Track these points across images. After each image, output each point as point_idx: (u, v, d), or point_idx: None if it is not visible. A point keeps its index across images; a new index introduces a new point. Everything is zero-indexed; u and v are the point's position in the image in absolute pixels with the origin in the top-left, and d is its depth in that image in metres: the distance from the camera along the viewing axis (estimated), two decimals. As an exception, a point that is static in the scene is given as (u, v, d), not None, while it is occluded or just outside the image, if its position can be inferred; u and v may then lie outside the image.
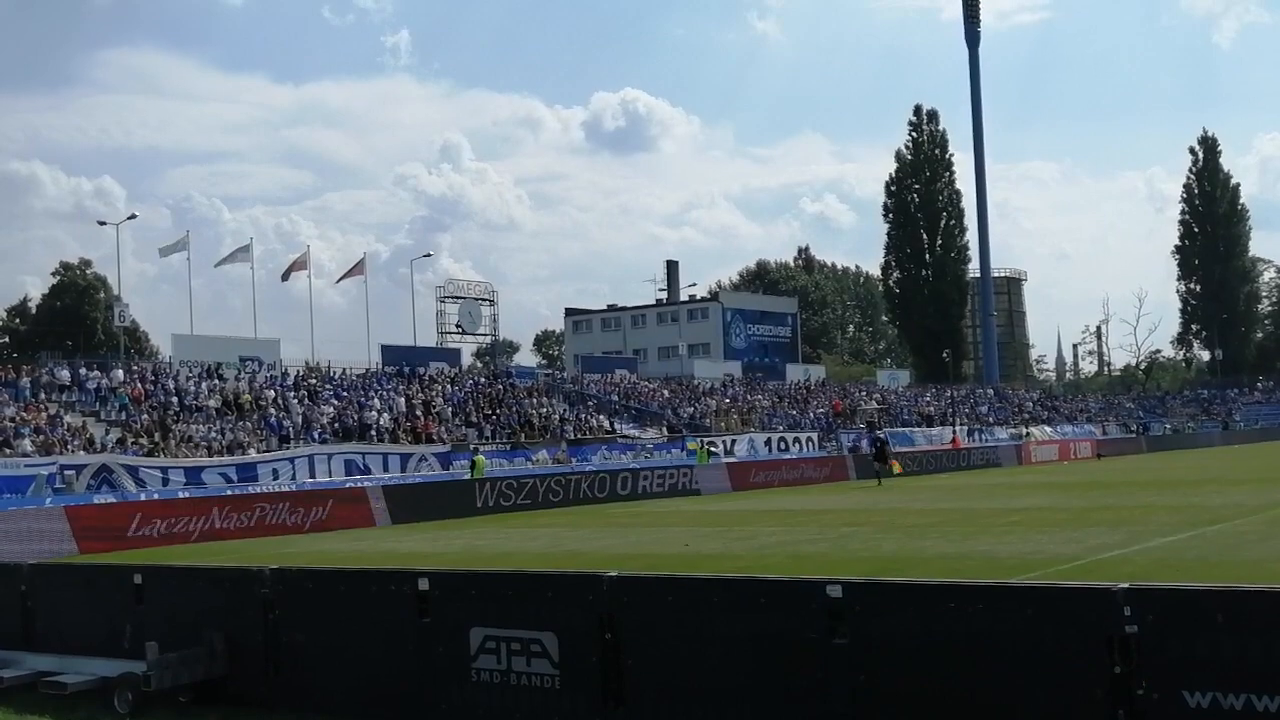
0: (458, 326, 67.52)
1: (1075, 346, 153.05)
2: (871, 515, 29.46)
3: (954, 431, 71.19)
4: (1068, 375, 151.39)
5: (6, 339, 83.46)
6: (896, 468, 48.03)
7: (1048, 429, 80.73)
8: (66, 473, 36.02)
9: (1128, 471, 48.43)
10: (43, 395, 42.05)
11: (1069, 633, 6.95)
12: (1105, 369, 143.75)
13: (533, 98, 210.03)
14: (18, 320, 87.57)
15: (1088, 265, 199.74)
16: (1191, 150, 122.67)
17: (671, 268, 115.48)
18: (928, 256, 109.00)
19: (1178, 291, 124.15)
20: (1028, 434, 75.06)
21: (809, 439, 63.57)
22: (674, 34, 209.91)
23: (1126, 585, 6.89)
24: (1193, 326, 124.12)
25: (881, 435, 54.84)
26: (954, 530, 24.20)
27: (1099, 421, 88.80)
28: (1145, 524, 23.39)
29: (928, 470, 54.38)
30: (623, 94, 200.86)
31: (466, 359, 71.14)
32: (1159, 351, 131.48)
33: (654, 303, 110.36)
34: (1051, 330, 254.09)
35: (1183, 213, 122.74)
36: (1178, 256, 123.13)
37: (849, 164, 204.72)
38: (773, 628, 7.87)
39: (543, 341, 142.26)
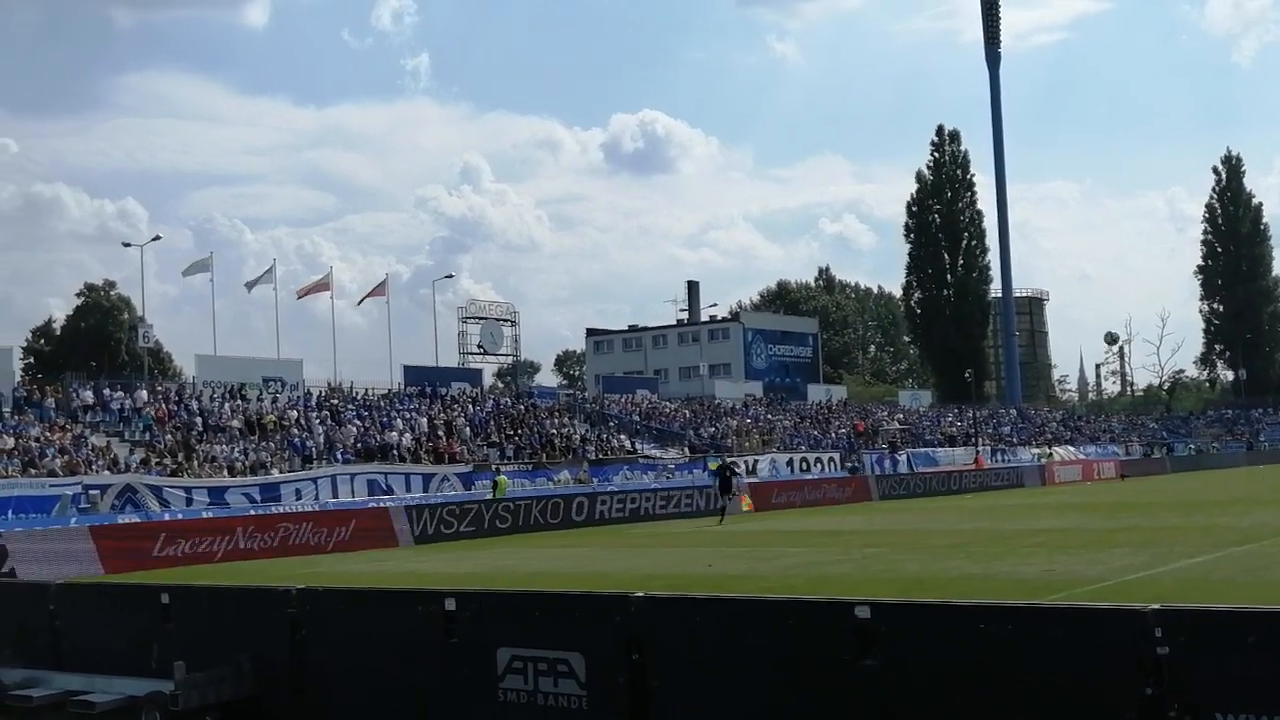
0: (479, 347, 67.64)
1: (1098, 367, 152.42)
2: (894, 536, 29.37)
3: (977, 452, 70.93)
4: (1090, 395, 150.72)
5: (32, 360, 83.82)
6: (746, 503, 40.37)
7: (1071, 449, 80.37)
8: (91, 493, 36.17)
9: (1152, 492, 48.16)
10: (68, 416, 42.27)
11: (1099, 654, 6.91)
12: (1128, 389, 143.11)
13: (552, 119, 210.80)
14: (43, 341, 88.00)
15: (1109, 285, 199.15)
16: (1215, 170, 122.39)
17: (692, 288, 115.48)
18: (949, 276, 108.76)
19: (1201, 311, 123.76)
20: (1051, 454, 74.75)
21: (831, 459, 63.41)
22: (693, 56, 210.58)
23: (1157, 606, 6.85)
24: (1216, 346, 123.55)
25: (729, 463, 44.84)
26: (978, 551, 24.10)
27: (1122, 442, 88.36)
28: (1171, 545, 23.26)
29: (951, 491, 54.19)
30: (641, 115, 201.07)
31: (488, 379, 71.30)
32: (1182, 371, 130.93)
33: (675, 323, 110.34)
34: (1074, 350, 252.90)
35: (1205, 232, 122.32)
36: (1200, 276, 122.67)
37: (868, 184, 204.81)
38: (801, 649, 7.84)
39: (564, 362, 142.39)
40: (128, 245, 58.34)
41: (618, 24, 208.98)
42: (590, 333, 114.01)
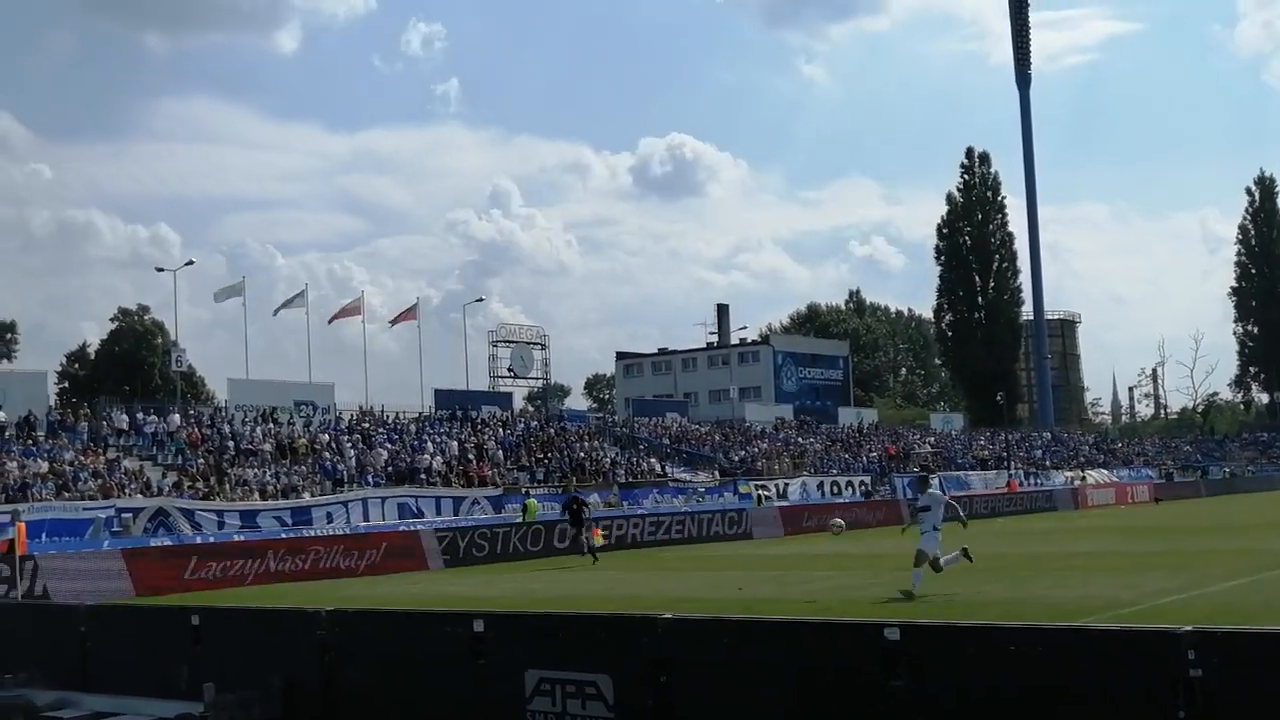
0: (510, 370, 67.82)
1: (1131, 389, 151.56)
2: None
3: (1009, 475, 70.51)
4: (1124, 418, 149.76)
5: (66, 384, 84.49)
6: (598, 537, 35.21)
7: (1104, 472, 79.83)
8: (124, 516, 36.37)
9: (1187, 515, 47.75)
10: (101, 440, 42.55)
11: (1133, 676, 6.84)
12: (1162, 412, 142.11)
13: (581, 143, 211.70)
14: (77, 366, 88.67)
15: (1142, 307, 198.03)
16: (1248, 190, 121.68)
17: (722, 311, 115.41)
18: (980, 299, 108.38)
19: (1235, 333, 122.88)
20: (1084, 477, 74.26)
21: (862, 483, 63.16)
22: (721, 79, 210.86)
23: (1190, 628, 6.78)
24: (1251, 368, 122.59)
25: (576, 495, 38.49)
26: (1010, 574, 23.93)
27: (1156, 465, 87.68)
28: (1206, 569, 23.03)
29: (983, 514, 53.84)
30: (670, 139, 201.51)
31: (518, 403, 71.46)
32: (1216, 394, 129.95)
33: (704, 346, 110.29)
34: (1107, 373, 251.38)
35: (1239, 254, 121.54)
36: (1234, 298, 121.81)
37: (897, 207, 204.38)
38: (829, 671, 7.79)
39: (594, 385, 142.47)
40: (161, 270, 59.15)
41: (646, 48, 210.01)
42: (620, 356, 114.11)
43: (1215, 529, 37.07)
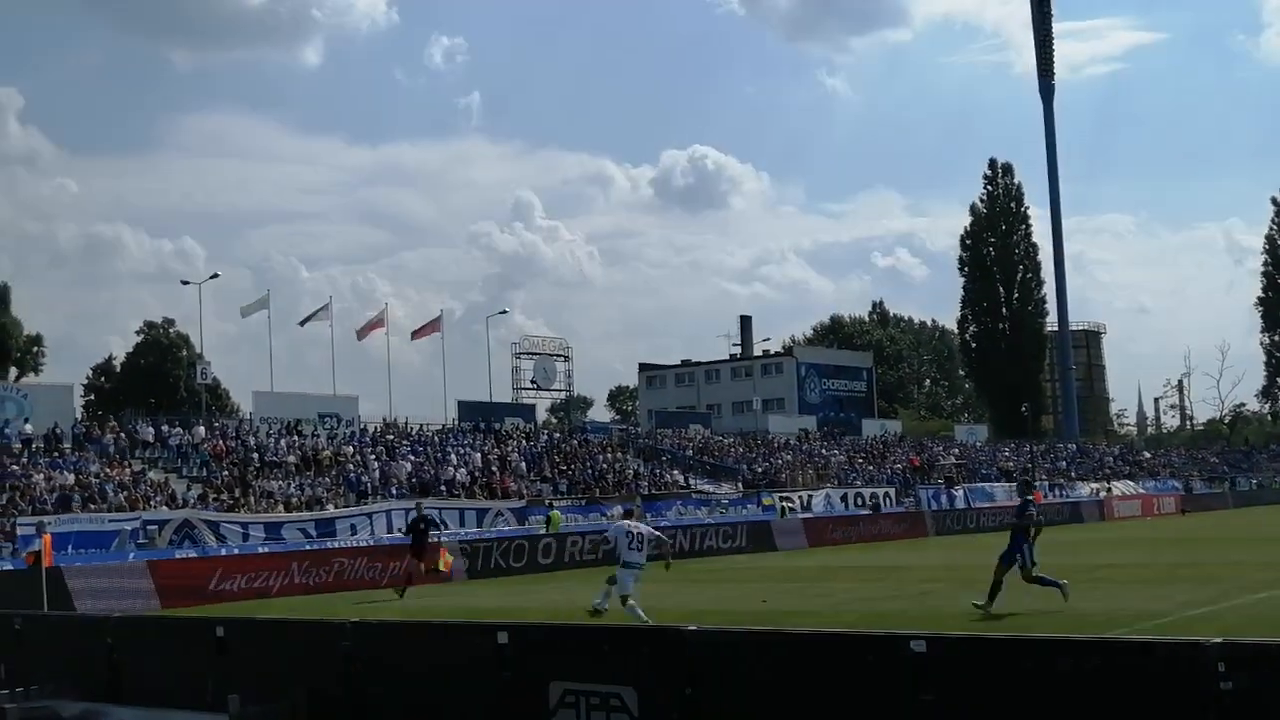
0: (533, 382, 67.91)
1: (1156, 400, 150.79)
2: (951, 572, 29.08)
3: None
4: (1149, 429, 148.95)
5: (93, 397, 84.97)
6: (444, 562, 29.88)
7: (1130, 484, 79.36)
8: (149, 528, 36.52)
9: (1214, 527, 47.46)
10: (128, 452, 42.75)
11: (1161, 689, 6.78)
12: (1188, 423, 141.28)
13: (603, 156, 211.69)
14: (103, 378, 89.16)
15: (1167, 318, 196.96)
16: (1274, 200, 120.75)
17: (745, 323, 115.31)
18: (1004, 310, 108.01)
19: (1262, 344, 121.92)
20: (1110, 489, 73.86)
21: (886, 495, 62.94)
22: (742, 91, 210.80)
23: (1220, 640, 6.72)
24: (1278, 379, 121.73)
25: (426, 515, 31.42)
26: (1036, 587, 23.79)
27: (1183, 476, 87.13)
28: (1234, 580, 22.88)
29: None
30: (691, 151, 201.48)
31: (541, 414, 71.51)
32: (1243, 405, 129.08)
33: (727, 358, 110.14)
34: (1132, 384, 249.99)
35: (1265, 264, 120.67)
36: (1261, 308, 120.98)
37: (920, 218, 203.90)
38: (855, 684, 7.75)
39: (616, 397, 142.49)
40: (186, 283, 59.10)
41: (667, 60, 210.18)
42: (643, 368, 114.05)
43: (1243, 540, 36.82)
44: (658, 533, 21.41)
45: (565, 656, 9.00)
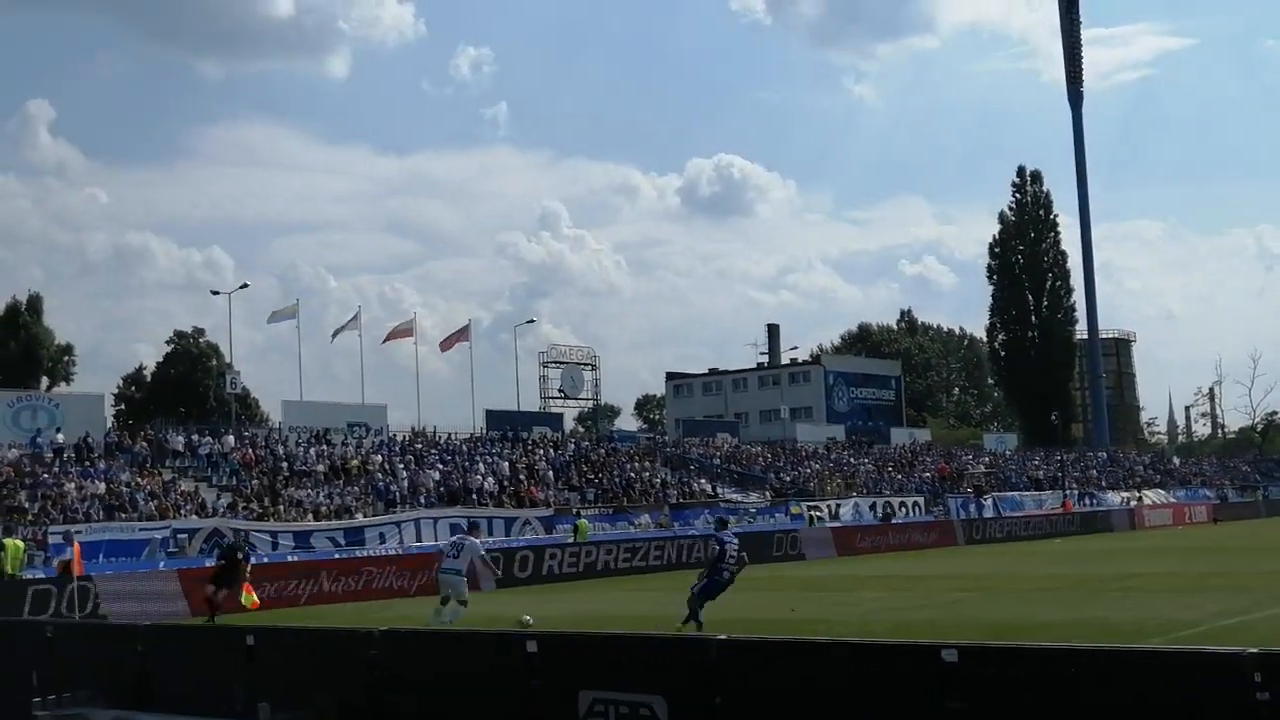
0: (560, 391, 67.99)
1: (1188, 408, 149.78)
2: (981, 581, 28.94)
3: (1065, 495, 69.80)
4: (1180, 438, 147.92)
5: (123, 406, 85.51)
6: (249, 599, 25.10)
7: (1161, 493, 78.83)
8: (179, 536, 36.71)
9: (1247, 536, 47.09)
10: (158, 461, 42.98)
11: (1196, 700, 6.72)
12: (1219, 431, 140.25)
13: (629, 165, 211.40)
14: (134, 388, 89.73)
15: (1197, 325, 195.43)
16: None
17: (772, 331, 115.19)
18: (1033, 318, 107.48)
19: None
20: (1140, 498, 73.39)
21: (915, 503, 62.71)
22: (768, 99, 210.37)
23: (1256, 650, 6.65)
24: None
25: (234, 544, 28.96)
26: (1066, 596, 23.68)
27: (1214, 485, 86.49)
28: (1267, 590, 22.70)
29: (1038, 535, 53.39)
30: (717, 159, 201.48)
31: (569, 423, 71.55)
32: (1275, 413, 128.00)
33: (755, 366, 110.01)
34: (1162, 392, 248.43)
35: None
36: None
37: (948, 226, 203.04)
38: (885, 693, 7.72)
39: (644, 406, 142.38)
40: (216, 293, 59.39)
41: (693, 69, 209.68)
42: (670, 376, 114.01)
43: (1276, 550, 36.50)
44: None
45: (594, 665, 8.99)
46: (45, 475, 38.57)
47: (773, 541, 43.23)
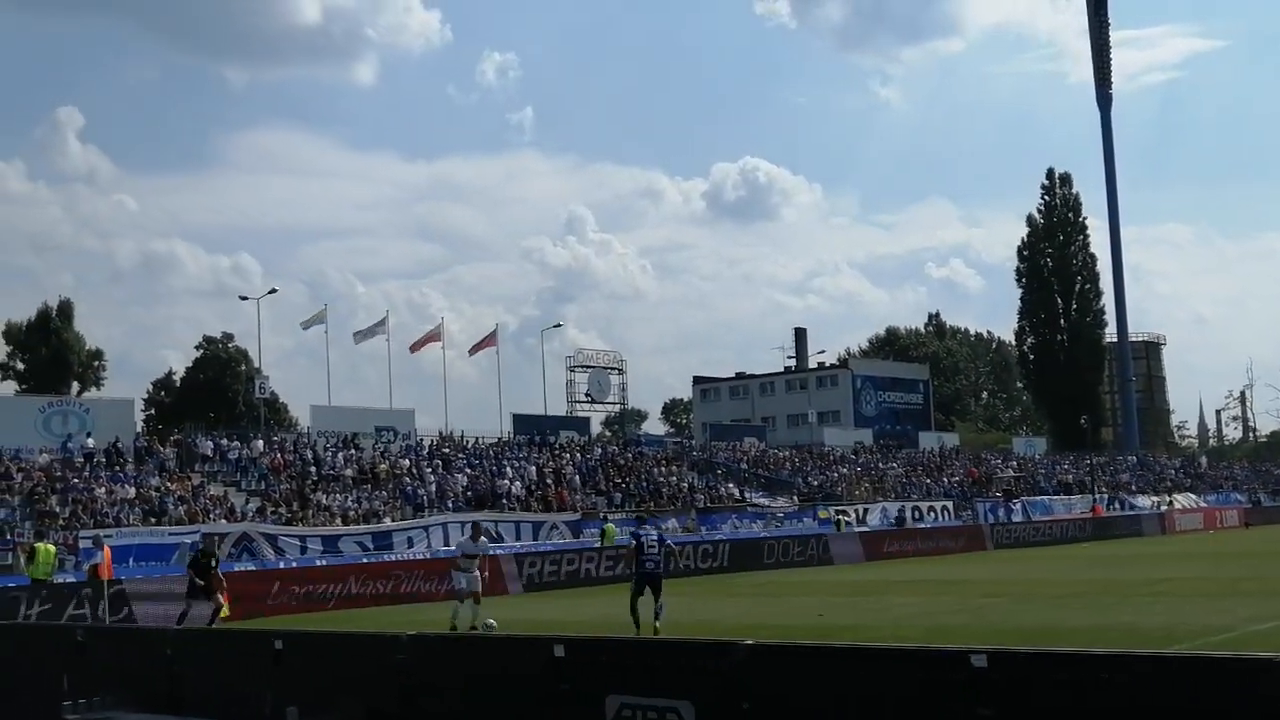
0: (587, 395, 68.05)
1: (1218, 412, 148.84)
2: (1011, 586, 28.79)
3: (1094, 500, 69.43)
4: (1211, 441, 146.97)
5: (153, 411, 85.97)
6: (224, 606, 24.28)
7: (1192, 497, 78.30)
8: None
9: (1279, 540, 46.69)
10: (187, 466, 43.20)
11: (1227, 706, 6.66)
12: (1251, 435, 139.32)
13: (654, 170, 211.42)
14: (163, 393, 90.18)
15: (1226, 328, 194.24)
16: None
17: (800, 335, 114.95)
18: (1062, 321, 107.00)
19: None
20: (1171, 502, 72.91)
21: (944, 508, 62.46)
22: (794, 102, 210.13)
23: (1290, 656, 6.58)
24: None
25: (209, 548, 26.71)
26: (1096, 600, 23.53)
27: (1246, 489, 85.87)
28: (1300, 595, 22.49)
29: (1067, 539, 53.09)
30: (742, 163, 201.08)
31: (596, 428, 71.55)
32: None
33: (782, 370, 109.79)
34: (1192, 396, 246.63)
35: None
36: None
37: (975, 229, 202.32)
38: (915, 698, 7.67)
39: (671, 410, 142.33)
40: (244, 299, 59.73)
41: (717, 73, 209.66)
42: (697, 380, 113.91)
43: (1309, 554, 36.21)
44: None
45: (622, 670, 8.97)
46: (76, 480, 38.83)
47: (800, 546, 43.17)
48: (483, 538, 25.74)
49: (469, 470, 49.32)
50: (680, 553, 30.98)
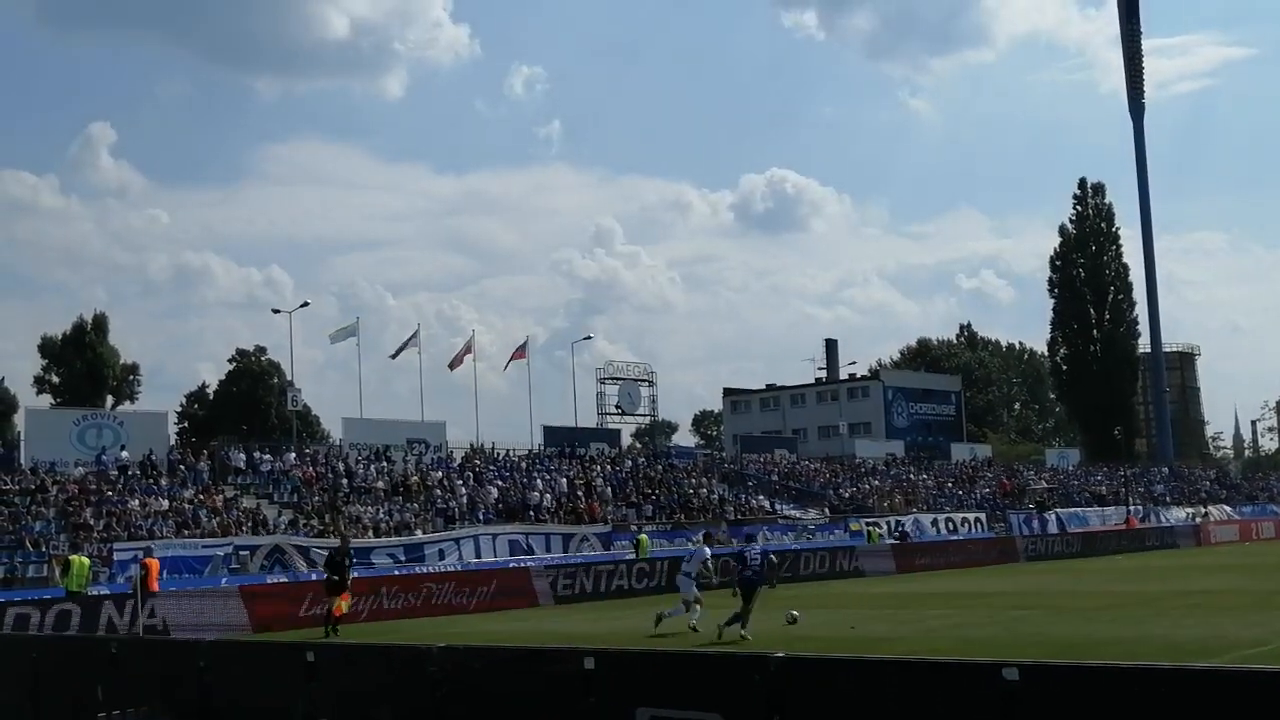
0: (617, 407, 68.10)
1: (1254, 423, 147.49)
2: (1043, 598, 28.62)
3: (1128, 511, 68.96)
4: (1246, 453, 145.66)
5: (186, 424, 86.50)
6: (343, 603, 26.20)
7: (1227, 509, 77.65)
8: (241, 553, 37.07)
9: (1316, 553, 46.27)
10: (220, 478, 43.44)
11: (1263, 720, 6.61)
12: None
13: (682, 182, 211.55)
14: (196, 406, 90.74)
15: (1262, 338, 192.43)
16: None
17: (830, 346, 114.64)
18: (1095, 331, 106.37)
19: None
20: (1206, 514, 72.34)
21: (977, 519, 62.15)
22: (822, 113, 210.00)
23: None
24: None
25: (342, 549, 27.81)
26: (1130, 613, 23.37)
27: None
28: (1338, 607, 22.28)
29: (1101, 551, 52.75)
30: (770, 174, 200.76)
31: (626, 439, 71.55)
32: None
33: (813, 381, 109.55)
34: (1227, 406, 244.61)
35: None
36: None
37: (1005, 239, 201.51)
38: (945, 712, 7.64)
39: (701, 422, 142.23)
40: (277, 311, 59.97)
41: (745, 84, 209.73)
42: (727, 392, 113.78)
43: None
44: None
45: (652, 682, 8.97)
46: (110, 492, 39.09)
47: (831, 558, 43.03)
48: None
49: (500, 482, 49.41)
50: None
